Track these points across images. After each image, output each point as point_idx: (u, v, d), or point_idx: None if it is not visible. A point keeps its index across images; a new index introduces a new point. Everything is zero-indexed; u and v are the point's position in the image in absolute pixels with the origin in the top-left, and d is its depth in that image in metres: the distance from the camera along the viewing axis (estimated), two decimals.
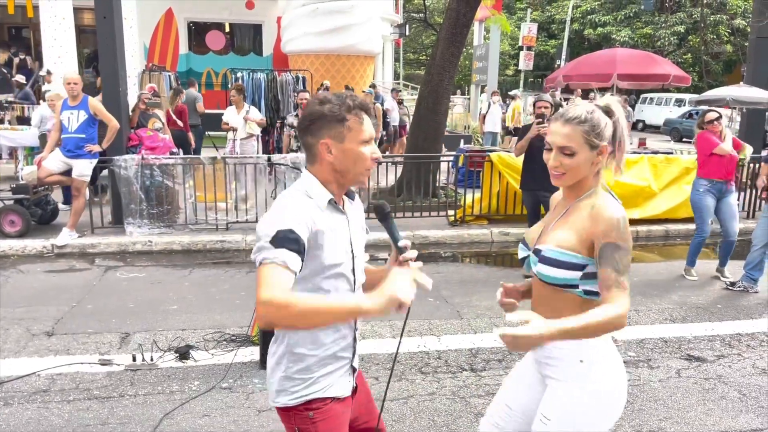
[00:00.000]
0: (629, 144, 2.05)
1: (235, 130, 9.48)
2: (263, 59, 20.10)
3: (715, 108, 6.62)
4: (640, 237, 8.51)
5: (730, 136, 6.38)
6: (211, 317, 5.24)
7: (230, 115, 9.62)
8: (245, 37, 21.41)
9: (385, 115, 14.62)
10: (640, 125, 28.14)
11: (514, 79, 37.50)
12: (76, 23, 15.48)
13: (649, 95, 29.47)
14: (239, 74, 13.34)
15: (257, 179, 8.24)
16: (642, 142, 13.17)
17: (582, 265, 1.93)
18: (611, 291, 1.85)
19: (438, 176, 9.83)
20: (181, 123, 10.84)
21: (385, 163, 9.20)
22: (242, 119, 9.42)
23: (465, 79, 32.76)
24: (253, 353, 4.43)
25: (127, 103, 8.34)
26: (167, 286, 6.14)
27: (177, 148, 9.58)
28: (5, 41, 20.30)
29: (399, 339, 2.19)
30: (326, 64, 17.90)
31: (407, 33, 30.67)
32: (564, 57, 29.17)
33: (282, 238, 1.71)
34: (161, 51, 19.37)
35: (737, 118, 14.89)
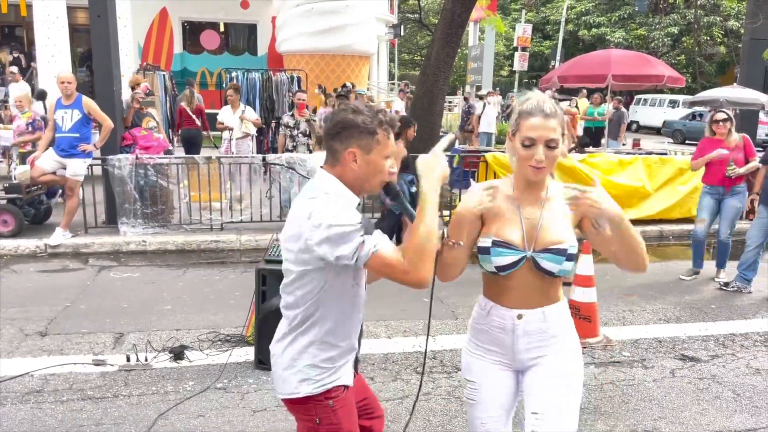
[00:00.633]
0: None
1: (230, 129, 9.46)
2: (258, 59, 20.07)
3: (725, 110, 6.58)
4: None
5: (734, 139, 6.27)
6: (205, 317, 5.22)
7: (225, 114, 9.60)
8: (240, 37, 21.38)
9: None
10: (635, 126, 28.20)
11: (509, 79, 37.60)
12: (70, 22, 15.41)
13: (643, 96, 29.54)
14: (234, 74, 13.32)
15: (252, 179, 8.22)
16: (636, 143, 13.21)
17: None
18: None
19: None
20: (199, 122, 10.92)
21: None
22: (238, 119, 9.41)
23: (460, 80, 32.82)
24: (248, 353, 4.41)
25: (121, 102, 8.32)
26: (161, 286, 6.12)
27: (189, 146, 10.21)
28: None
29: (426, 335, 2.43)
30: (321, 64, 17.89)
31: (402, 33, 30.73)
32: (559, 58, 29.27)
33: (364, 225, 1.90)
34: (155, 50, 19.32)
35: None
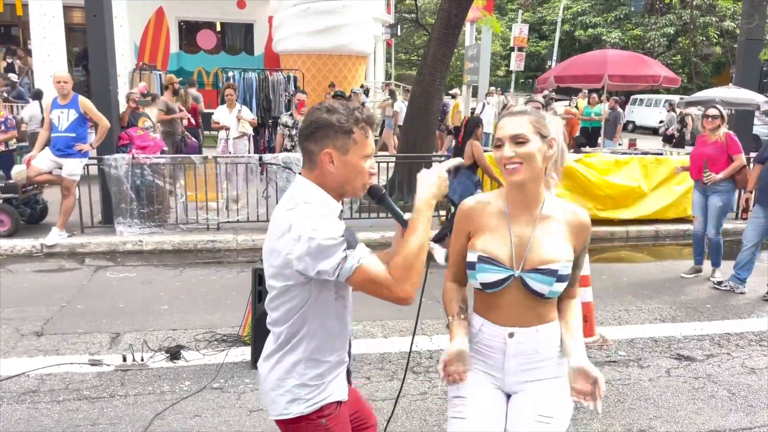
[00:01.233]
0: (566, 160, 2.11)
1: (227, 129, 9.46)
2: (254, 59, 20.05)
3: (718, 106, 6.63)
4: (631, 237, 8.56)
5: (718, 135, 6.29)
6: (202, 317, 5.22)
7: (222, 114, 9.59)
8: (236, 37, 21.36)
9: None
10: (630, 126, 28.24)
11: (506, 79, 37.63)
12: (66, 22, 15.38)
13: (639, 96, 29.60)
14: (230, 74, 13.30)
15: (249, 179, 8.22)
16: (632, 143, 13.24)
17: None
18: (575, 288, 2.13)
19: None
20: (194, 121, 11.35)
21: (377, 162, 9.19)
22: (235, 118, 9.41)
23: (456, 80, 32.82)
24: (244, 353, 4.42)
25: (117, 102, 8.30)
26: (158, 285, 6.12)
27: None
28: None
29: (412, 335, 2.21)
30: (318, 63, 17.87)
31: (399, 33, 30.70)
32: (555, 58, 29.33)
33: (349, 238, 1.77)
34: (152, 50, 19.28)
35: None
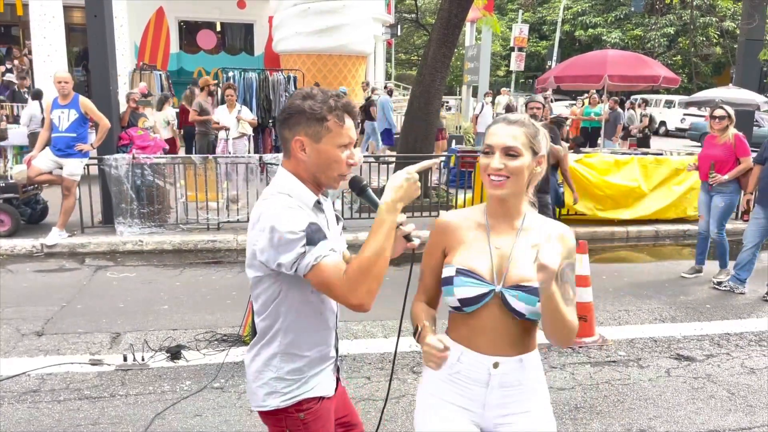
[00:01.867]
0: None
1: (227, 129, 9.47)
2: (254, 59, 20.07)
3: (726, 106, 6.61)
4: (630, 237, 8.57)
5: (726, 136, 6.27)
6: (202, 317, 5.22)
7: (222, 114, 9.60)
8: (236, 37, 21.37)
9: None
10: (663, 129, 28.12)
11: (506, 79, 37.62)
12: (66, 21, 15.41)
13: (639, 96, 29.59)
14: (230, 74, 13.30)
15: (249, 179, 8.22)
16: (632, 144, 13.25)
17: None
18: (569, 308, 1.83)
19: (430, 176, 9.84)
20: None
21: (377, 163, 9.21)
22: (234, 118, 9.41)
23: (456, 80, 32.84)
24: (244, 353, 4.41)
25: (117, 102, 8.31)
26: (158, 285, 6.12)
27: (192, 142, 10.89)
28: None
29: (397, 335, 2.10)
30: (318, 63, 17.89)
31: (399, 33, 30.71)
32: (555, 58, 29.33)
33: (311, 234, 1.71)
34: (152, 50, 19.30)
35: None
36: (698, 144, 18.82)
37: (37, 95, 11.10)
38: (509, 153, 1.82)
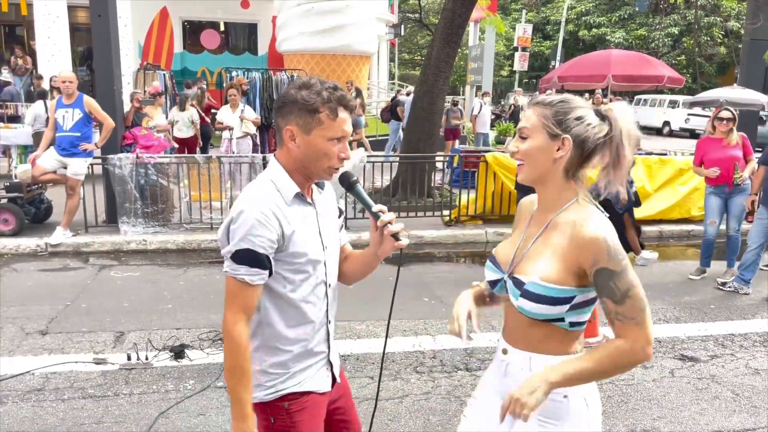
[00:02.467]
0: (630, 159, 1.71)
1: (231, 129, 9.49)
2: (258, 58, 20.10)
3: (731, 108, 6.54)
4: None
5: (734, 137, 6.25)
6: (206, 316, 5.23)
7: (225, 114, 9.62)
8: (240, 37, 21.40)
9: None
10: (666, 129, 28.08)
11: (509, 79, 37.62)
12: (70, 21, 15.45)
13: (643, 96, 29.56)
14: (234, 73, 13.34)
15: (252, 178, 8.21)
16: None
17: (570, 298, 1.66)
18: (615, 325, 1.63)
19: (433, 176, 9.84)
20: (208, 119, 12.13)
21: (380, 162, 9.21)
22: (238, 118, 9.43)
23: (460, 80, 32.81)
24: None
25: (122, 101, 8.33)
26: (162, 285, 6.13)
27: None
28: None
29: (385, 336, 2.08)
30: (321, 63, 17.90)
31: (402, 33, 30.71)
32: (559, 58, 29.29)
33: (244, 254, 1.74)
34: (156, 50, 19.34)
35: None
36: None
37: (42, 95, 11.14)
38: (521, 135, 1.74)
